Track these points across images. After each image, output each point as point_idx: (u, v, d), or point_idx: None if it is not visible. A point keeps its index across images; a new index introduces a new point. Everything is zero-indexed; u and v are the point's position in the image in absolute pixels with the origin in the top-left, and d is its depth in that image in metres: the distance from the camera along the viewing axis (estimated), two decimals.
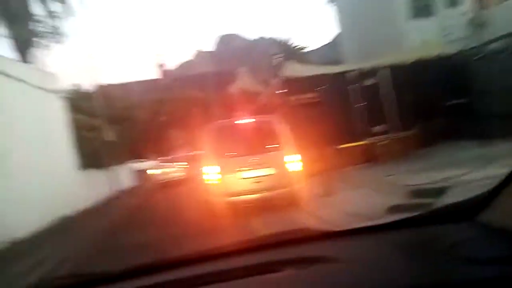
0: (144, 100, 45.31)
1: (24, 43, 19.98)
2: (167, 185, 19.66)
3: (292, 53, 51.24)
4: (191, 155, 39.86)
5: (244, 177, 7.51)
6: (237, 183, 7.49)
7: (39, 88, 13.38)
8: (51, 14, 21.79)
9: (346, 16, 23.87)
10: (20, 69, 12.57)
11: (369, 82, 11.91)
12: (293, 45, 51.85)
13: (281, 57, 51.22)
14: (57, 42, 24.89)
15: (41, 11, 21.20)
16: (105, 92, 42.04)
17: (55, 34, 24.54)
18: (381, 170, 10.07)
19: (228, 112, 42.98)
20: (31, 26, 21.05)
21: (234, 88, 49.14)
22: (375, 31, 19.01)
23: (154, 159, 43.18)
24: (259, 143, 7.83)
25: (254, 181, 7.52)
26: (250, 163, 7.54)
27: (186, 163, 22.60)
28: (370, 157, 11.53)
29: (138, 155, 39.30)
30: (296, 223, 6.22)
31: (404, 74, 11.90)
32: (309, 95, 11.72)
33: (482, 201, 1.19)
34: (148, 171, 24.25)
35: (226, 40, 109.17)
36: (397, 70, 11.91)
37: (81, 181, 15.30)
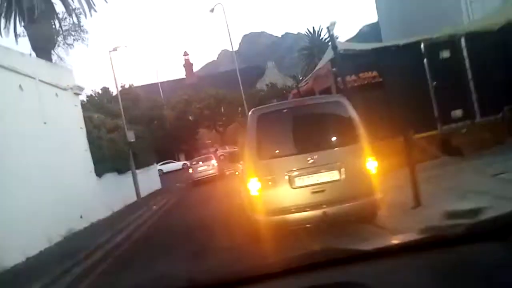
0: (170, 99, 43.96)
1: (44, 41, 18.77)
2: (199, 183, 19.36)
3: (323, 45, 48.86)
4: (221, 153, 38.76)
5: (299, 185, 5.22)
6: (288, 194, 5.21)
7: (56, 86, 11.77)
8: (73, 11, 20.55)
9: None
10: (35, 65, 10.95)
11: (443, 55, 9.45)
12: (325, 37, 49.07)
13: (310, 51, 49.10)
14: (79, 39, 23.73)
15: (63, 8, 19.99)
16: (129, 92, 41.21)
17: (77, 31, 23.38)
18: (474, 165, 7.68)
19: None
20: (52, 23, 19.86)
21: (262, 83, 47.05)
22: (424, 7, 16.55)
23: (183, 159, 42.15)
24: (321, 135, 5.54)
25: (314, 190, 5.18)
26: (308, 164, 5.22)
27: (215, 162, 21.96)
28: (450, 149, 9.13)
29: (165, 156, 38.00)
30: None
31: (488, 44, 9.40)
32: (368, 74, 9.42)
33: None
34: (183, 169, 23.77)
35: (252, 38, 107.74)
36: (479, 39, 9.39)
37: (101, 186, 13.61)
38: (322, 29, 50.56)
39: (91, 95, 37.33)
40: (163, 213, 12.65)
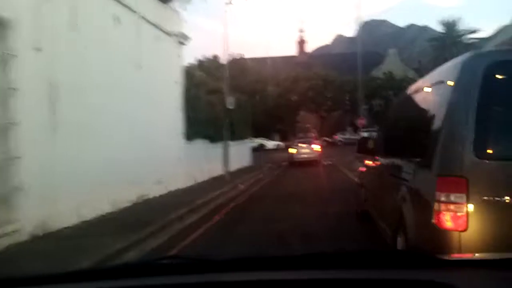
0: (277, 75, 42.08)
1: None
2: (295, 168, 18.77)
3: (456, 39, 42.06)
4: (324, 139, 35.93)
5: None
6: None
7: (158, 27, 10.28)
8: None
9: None
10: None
11: None
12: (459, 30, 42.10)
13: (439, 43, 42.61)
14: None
15: None
16: (238, 63, 40.33)
17: None
18: None
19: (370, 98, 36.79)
20: None
21: (379, 71, 42.42)
22: None
23: (277, 140, 40.31)
24: None
25: None
26: None
27: (318, 147, 21.77)
28: None
29: (260, 133, 36.50)
30: None
31: None
32: None
33: None
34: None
35: (372, 26, 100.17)
36: None
37: (188, 152, 12.08)
38: (459, 20, 43.73)
39: (200, 60, 37.20)
40: (248, 199, 10.56)
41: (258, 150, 31.46)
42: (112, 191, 7.81)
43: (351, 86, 40.50)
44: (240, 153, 18.96)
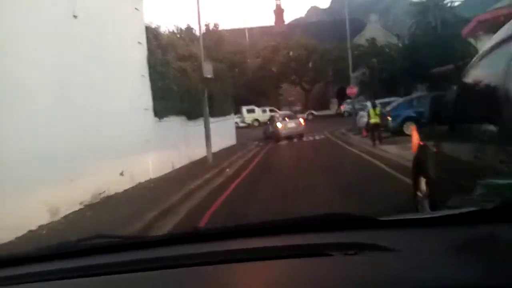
0: (256, 46, 39.28)
1: None
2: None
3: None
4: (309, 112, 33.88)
5: None
6: None
7: None
8: None
9: None
10: None
11: None
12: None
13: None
14: None
15: None
16: (214, 33, 37.34)
17: None
18: None
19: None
20: None
21: (362, 37, 40.18)
22: None
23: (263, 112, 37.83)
24: None
25: None
26: None
27: (302, 121, 21.03)
28: None
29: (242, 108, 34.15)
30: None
31: None
32: None
33: None
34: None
35: None
36: None
37: (160, 132, 9.78)
38: None
39: (173, 31, 34.03)
40: (238, 186, 8.35)
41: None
42: (51, 193, 5.48)
43: (334, 56, 38.34)
44: (223, 131, 16.66)
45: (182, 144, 11.26)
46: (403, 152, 9.97)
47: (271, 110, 36.16)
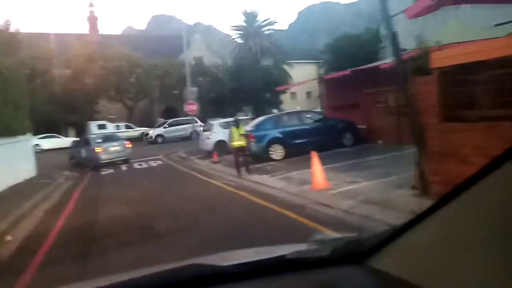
0: (66, 54, 32.57)
1: None
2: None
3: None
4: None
5: None
6: None
7: None
8: None
9: None
10: None
11: None
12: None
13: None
14: None
15: None
16: (4, 34, 29.21)
17: None
18: None
19: None
20: None
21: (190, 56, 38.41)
22: None
23: (72, 135, 31.18)
24: None
25: None
26: None
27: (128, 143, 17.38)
28: None
29: (47, 128, 27.43)
30: None
31: None
32: None
33: (374, 246, 1.21)
34: None
35: (161, 21, 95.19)
36: None
37: None
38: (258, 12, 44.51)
39: None
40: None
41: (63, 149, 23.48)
42: None
43: (161, 71, 35.41)
44: (13, 158, 11.56)
45: None
46: (288, 185, 7.99)
47: (127, 126, 31.64)
